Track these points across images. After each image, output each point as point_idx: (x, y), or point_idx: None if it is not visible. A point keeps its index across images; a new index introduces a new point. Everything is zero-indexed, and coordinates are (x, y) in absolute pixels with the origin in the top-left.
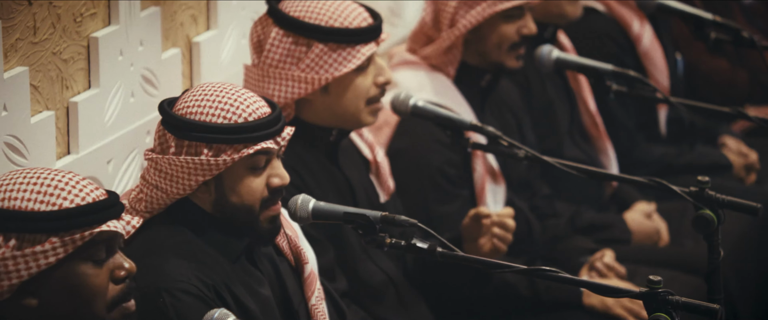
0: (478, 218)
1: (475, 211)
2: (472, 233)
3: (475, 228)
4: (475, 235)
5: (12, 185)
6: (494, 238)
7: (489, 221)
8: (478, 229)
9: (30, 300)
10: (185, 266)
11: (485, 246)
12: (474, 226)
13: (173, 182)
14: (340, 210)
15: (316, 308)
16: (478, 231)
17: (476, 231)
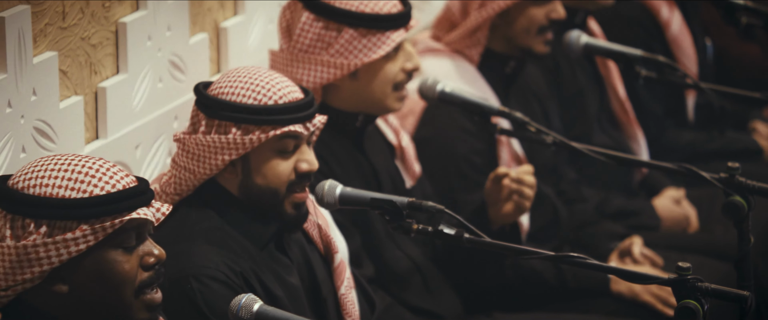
0: (498, 179)
1: (494, 173)
2: (494, 196)
3: (496, 191)
4: (497, 198)
5: (43, 172)
6: (515, 196)
7: (508, 180)
8: (499, 191)
9: (60, 286)
10: (213, 252)
11: (507, 207)
12: (495, 189)
13: (201, 162)
14: (367, 195)
15: (346, 297)
16: (499, 194)
17: (497, 193)
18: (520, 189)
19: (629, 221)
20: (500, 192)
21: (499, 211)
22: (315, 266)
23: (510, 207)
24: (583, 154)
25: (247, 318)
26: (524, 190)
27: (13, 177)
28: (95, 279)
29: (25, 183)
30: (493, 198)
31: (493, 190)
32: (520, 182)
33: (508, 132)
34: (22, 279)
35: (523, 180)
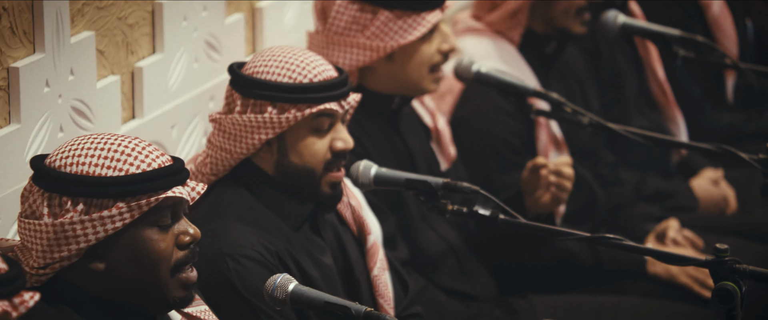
0: (535, 169)
1: (532, 162)
2: (531, 185)
3: (533, 180)
4: (534, 187)
5: (80, 150)
6: (552, 188)
7: (546, 171)
8: (537, 181)
9: (97, 264)
10: (249, 232)
11: (544, 198)
12: (532, 178)
13: (237, 141)
14: (402, 176)
15: (378, 278)
16: (536, 183)
17: (535, 183)
18: (559, 182)
19: (666, 203)
20: (538, 181)
21: (535, 201)
22: (348, 247)
23: (547, 198)
24: (621, 136)
25: (281, 297)
26: (563, 183)
27: (51, 156)
28: (131, 258)
29: (63, 162)
30: (530, 187)
31: (530, 179)
32: (559, 174)
33: (544, 113)
34: (60, 256)
35: (562, 172)
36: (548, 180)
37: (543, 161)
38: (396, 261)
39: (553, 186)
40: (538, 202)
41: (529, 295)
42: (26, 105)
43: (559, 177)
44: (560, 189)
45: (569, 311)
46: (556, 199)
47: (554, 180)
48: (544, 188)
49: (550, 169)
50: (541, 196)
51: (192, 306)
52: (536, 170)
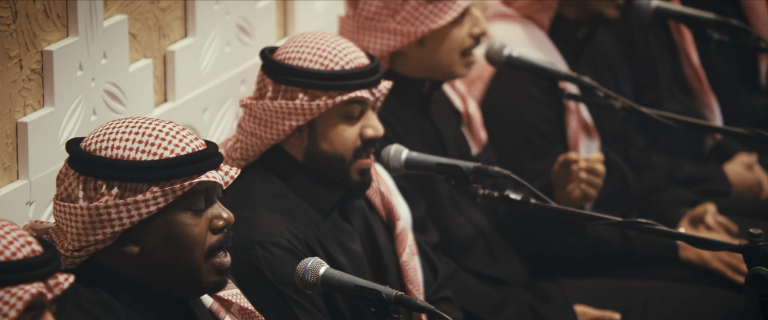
0: (567, 164)
1: (564, 157)
2: (562, 179)
3: (564, 175)
4: (565, 182)
5: (115, 134)
6: (582, 184)
7: (577, 166)
8: (568, 175)
9: (131, 247)
10: (278, 219)
11: (574, 193)
12: (563, 172)
13: (267, 127)
14: (433, 160)
15: (407, 264)
16: (567, 178)
17: (566, 177)
18: (589, 179)
19: (699, 187)
20: (569, 175)
21: (565, 195)
22: (377, 233)
23: (577, 193)
24: (653, 120)
25: (312, 281)
26: (594, 179)
27: (85, 140)
28: (165, 241)
29: (97, 145)
30: (561, 181)
31: (561, 173)
32: (591, 171)
33: (575, 97)
34: (95, 239)
35: (594, 169)
36: (579, 176)
37: (575, 156)
38: (426, 246)
39: (583, 183)
40: (568, 197)
41: (560, 279)
42: (60, 88)
43: (590, 174)
44: (590, 185)
45: (600, 296)
46: (585, 195)
47: (585, 177)
48: (574, 183)
49: (581, 166)
50: (571, 191)
51: (224, 289)
52: (568, 165)
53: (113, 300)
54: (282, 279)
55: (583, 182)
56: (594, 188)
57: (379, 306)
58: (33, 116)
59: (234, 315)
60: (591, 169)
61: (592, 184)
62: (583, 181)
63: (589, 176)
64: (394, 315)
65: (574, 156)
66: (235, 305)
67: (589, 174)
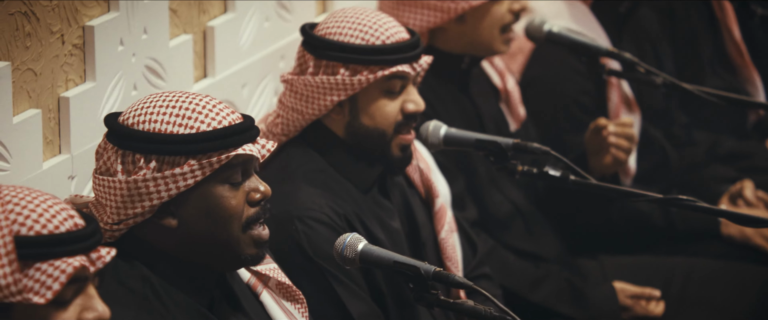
0: (598, 130)
1: (594, 124)
2: (594, 146)
3: (595, 141)
4: (597, 148)
5: (152, 108)
6: (613, 148)
7: (607, 132)
8: (599, 142)
9: (170, 220)
10: (318, 194)
11: (606, 159)
12: (595, 139)
13: (308, 103)
14: (472, 136)
15: (446, 241)
16: (599, 144)
17: (597, 143)
18: (618, 143)
19: (741, 163)
20: (600, 142)
21: (598, 161)
22: (415, 210)
23: (609, 159)
24: (695, 96)
25: (351, 256)
26: (622, 143)
27: (124, 114)
28: (203, 214)
29: (135, 119)
30: (593, 148)
31: (592, 140)
32: (619, 135)
33: (616, 73)
34: (133, 212)
35: (623, 132)
36: (609, 141)
37: (604, 122)
38: (465, 222)
39: (613, 147)
40: (601, 163)
41: (600, 256)
42: (101, 63)
43: (619, 138)
44: (620, 149)
45: (640, 273)
46: (616, 160)
47: (614, 141)
48: (605, 149)
49: (610, 131)
50: (603, 157)
51: (262, 264)
52: (599, 131)
53: (151, 274)
54: (321, 254)
55: (613, 146)
56: (624, 152)
57: (417, 282)
58: (75, 91)
59: (272, 289)
60: (620, 133)
61: (621, 148)
62: (613, 145)
63: (618, 140)
64: (433, 291)
65: (603, 121)
66: (273, 280)
67: (619, 137)
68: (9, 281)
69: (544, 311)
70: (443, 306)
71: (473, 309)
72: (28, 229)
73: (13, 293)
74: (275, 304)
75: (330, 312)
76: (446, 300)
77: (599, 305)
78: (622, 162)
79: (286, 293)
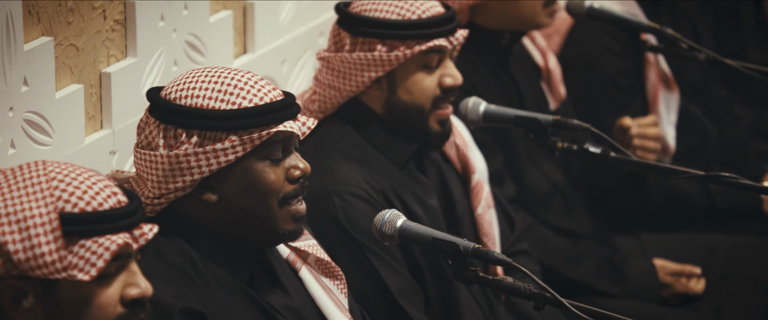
0: (622, 129)
1: (619, 123)
2: (620, 143)
3: (621, 139)
4: (623, 146)
5: (195, 83)
6: (638, 151)
7: (631, 133)
8: (625, 140)
9: (210, 195)
10: (355, 170)
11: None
12: (620, 137)
13: (346, 79)
14: (512, 113)
15: (483, 217)
16: (624, 142)
17: (623, 141)
18: (642, 144)
19: None
20: (626, 141)
21: None
22: (452, 186)
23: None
24: (736, 71)
25: (390, 233)
26: (647, 144)
27: (166, 89)
28: (243, 189)
29: (177, 94)
30: (621, 144)
31: (618, 138)
32: (643, 137)
33: (657, 49)
34: (174, 187)
35: (646, 134)
36: (632, 143)
37: (628, 122)
38: (503, 199)
39: (638, 149)
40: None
41: (640, 234)
42: (142, 38)
43: (643, 140)
44: (644, 150)
45: (681, 250)
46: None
47: (638, 143)
48: (631, 148)
49: (633, 132)
50: (632, 153)
51: (300, 240)
52: (623, 130)
53: (192, 249)
54: (359, 229)
55: (638, 148)
56: (650, 153)
57: (456, 259)
58: (116, 66)
59: (310, 265)
60: (644, 135)
61: (646, 149)
62: (637, 147)
63: (642, 141)
64: (471, 267)
65: (627, 122)
66: (312, 256)
67: (643, 139)
68: (54, 258)
69: (582, 288)
70: (482, 282)
71: (512, 285)
72: (73, 206)
73: (58, 270)
74: (314, 280)
75: (368, 287)
76: (485, 277)
77: (639, 282)
78: None
79: (325, 269)
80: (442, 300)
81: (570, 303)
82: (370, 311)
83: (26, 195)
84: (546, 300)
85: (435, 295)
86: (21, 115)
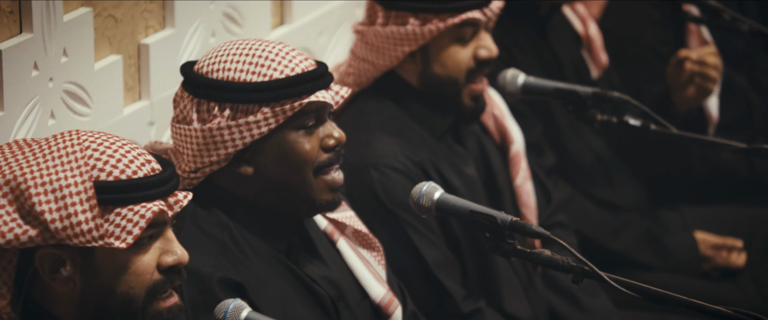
0: (680, 63)
1: (675, 57)
2: (677, 80)
3: (677, 75)
4: (680, 82)
5: (226, 56)
6: (697, 79)
7: (690, 63)
8: (681, 75)
9: (246, 167)
10: (392, 142)
11: (690, 91)
12: (676, 73)
13: (380, 54)
14: (550, 85)
15: (522, 188)
16: (681, 77)
17: (679, 77)
18: (703, 71)
19: None
20: (682, 75)
21: (683, 96)
22: (490, 157)
23: (692, 91)
24: None
25: (427, 205)
26: (708, 72)
27: (199, 63)
28: (278, 161)
29: (210, 68)
30: (676, 82)
31: (674, 74)
32: (703, 64)
33: (699, 20)
34: (210, 161)
35: (706, 61)
36: (693, 71)
37: (686, 53)
38: (540, 170)
39: (697, 77)
40: (685, 96)
41: (681, 207)
42: (180, 11)
43: (703, 67)
44: (705, 78)
45: (722, 223)
46: (702, 91)
47: (698, 70)
48: (688, 81)
49: (693, 60)
50: (687, 90)
51: (338, 211)
52: (680, 63)
53: (229, 221)
54: (396, 202)
55: (698, 77)
56: (709, 81)
57: (493, 232)
58: (154, 37)
59: (348, 237)
60: (704, 62)
61: (706, 77)
62: (697, 76)
63: (702, 68)
64: (509, 240)
65: (685, 52)
66: (350, 228)
67: (702, 66)
68: (91, 226)
69: (622, 260)
70: (520, 255)
71: (550, 258)
72: (108, 175)
73: (95, 238)
74: (352, 252)
75: (406, 260)
76: (523, 250)
77: (679, 254)
78: (708, 92)
79: (363, 241)
80: (480, 273)
81: (608, 276)
82: (408, 283)
83: (61, 165)
84: (584, 273)
85: (472, 268)
86: (60, 85)
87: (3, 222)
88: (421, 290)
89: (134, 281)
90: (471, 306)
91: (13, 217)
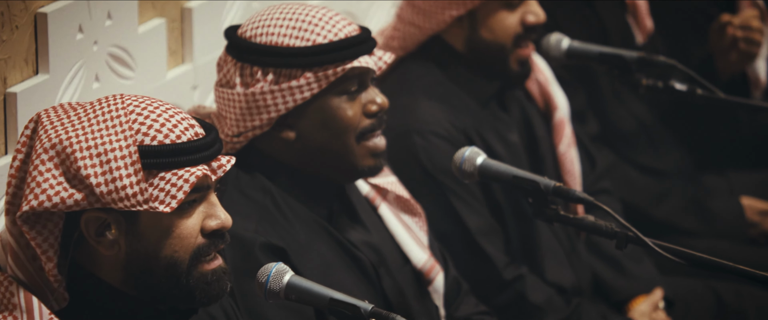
0: (722, 27)
1: (717, 22)
2: (719, 45)
3: (720, 40)
4: (723, 47)
5: (270, 21)
6: (741, 43)
7: (732, 28)
8: (724, 40)
9: (288, 132)
10: (436, 108)
11: (733, 56)
12: (719, 37)
13: (427, 18)
14: (595, 50)
15: (565, 155)
16: (725, 42)
17: (723, 42)
18: (746, 36)
19: None
20: (724, 41)
21: (725, 61)
22: (534, 123)
23: (735, 56)
24: None
25: (470, 171)
26: (752, 36)
27: (242, 27)
28: (320, 125)
29: (253, 32)
30: (719, 47)
31: (716, 39)
32: (748, 28)
33: None
34: (252, 125)
35: (751, 25)
36: (736, 36)
37: (728, 18)
38: (584, 136)
39: (741, 42)
40: (729, 62)
41: (727, 171)
42: None
43: (747, 31)
44: (749, 43)
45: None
46: (746, 55)
47: (741, 35)
48: (731, 46)
49: (735, 25)
50: (730, 55)
51: (380, 177)
52: (723, 28)
53: (272, 185)
54: (439, 168)
55: (741, 41)
56: (754, 45)
57: (536, 197)
58: (198, 2)
59: (390, 203)
60: (747, 26)
61: (750, 41)
62: (740, 41)
63: (745, 33)
64: (552, 206)
65: (727, 17)
66: (391, 193)
67: (745, 31)
68: (135, 190)
69: (666, 227)
70: (563, 221)
71: (594, 224)
72: (152, 139)
73: (139, 202)
74: (393, 217)
75: (448, 226)
76: (566, 215)
77: (725, 221)
78: (753, 57)
79: (405, 206)
80: (522, 239)
81: (653, 242)
82: (450, 249)
83: (106, 129)
84: (628, 239)
85: (515, 235)
86: (105, 49)
87: (49, 186)
88: (463, 256)
89: (178, 245)
90: (513, 273)
91: (59, 181)
